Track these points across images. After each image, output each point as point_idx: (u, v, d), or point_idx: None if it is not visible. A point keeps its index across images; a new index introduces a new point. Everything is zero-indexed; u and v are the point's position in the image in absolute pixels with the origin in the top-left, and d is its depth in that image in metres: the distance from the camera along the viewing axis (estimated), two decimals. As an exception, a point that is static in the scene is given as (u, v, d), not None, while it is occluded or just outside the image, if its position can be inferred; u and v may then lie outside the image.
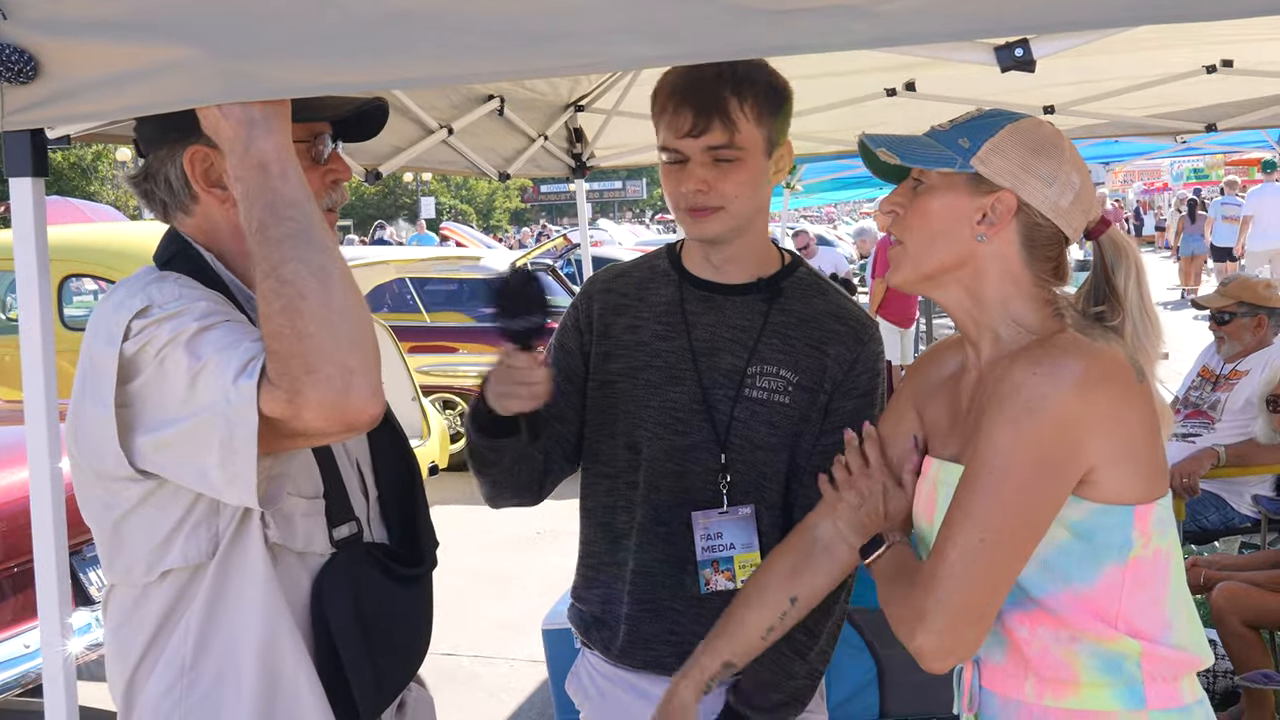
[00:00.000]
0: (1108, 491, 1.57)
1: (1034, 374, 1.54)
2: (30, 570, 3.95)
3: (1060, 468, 1.55)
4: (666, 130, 1.98)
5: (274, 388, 1.42)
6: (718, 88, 1.95)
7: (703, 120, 1.95)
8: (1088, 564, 1.58)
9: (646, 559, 2.10)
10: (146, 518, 1.58)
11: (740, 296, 2.09)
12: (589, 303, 2.17)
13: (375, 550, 1.76)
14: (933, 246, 1.67)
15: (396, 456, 1.86)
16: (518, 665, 5.43)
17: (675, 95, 1.96)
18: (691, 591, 2.08)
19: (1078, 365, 1.54)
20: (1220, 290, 5.17)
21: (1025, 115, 1.69)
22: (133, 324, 1.50)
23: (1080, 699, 1.61)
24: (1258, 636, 3.88)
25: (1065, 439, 1.53)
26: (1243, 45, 3.57)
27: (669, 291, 2.13)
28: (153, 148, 1.67)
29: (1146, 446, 1.59)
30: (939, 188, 1.66)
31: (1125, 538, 1.58)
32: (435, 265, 10.40)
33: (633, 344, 2.11)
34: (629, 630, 2.13)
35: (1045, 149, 1.64)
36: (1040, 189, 1.63)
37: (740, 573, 2.06)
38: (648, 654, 2.12)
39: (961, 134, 1.65)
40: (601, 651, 2.20)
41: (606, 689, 2.20)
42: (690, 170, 1.98)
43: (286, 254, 1.44)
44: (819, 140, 4.77)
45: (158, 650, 1.63)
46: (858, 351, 2.08)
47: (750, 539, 2.06)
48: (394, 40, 1.45)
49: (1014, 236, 1.65)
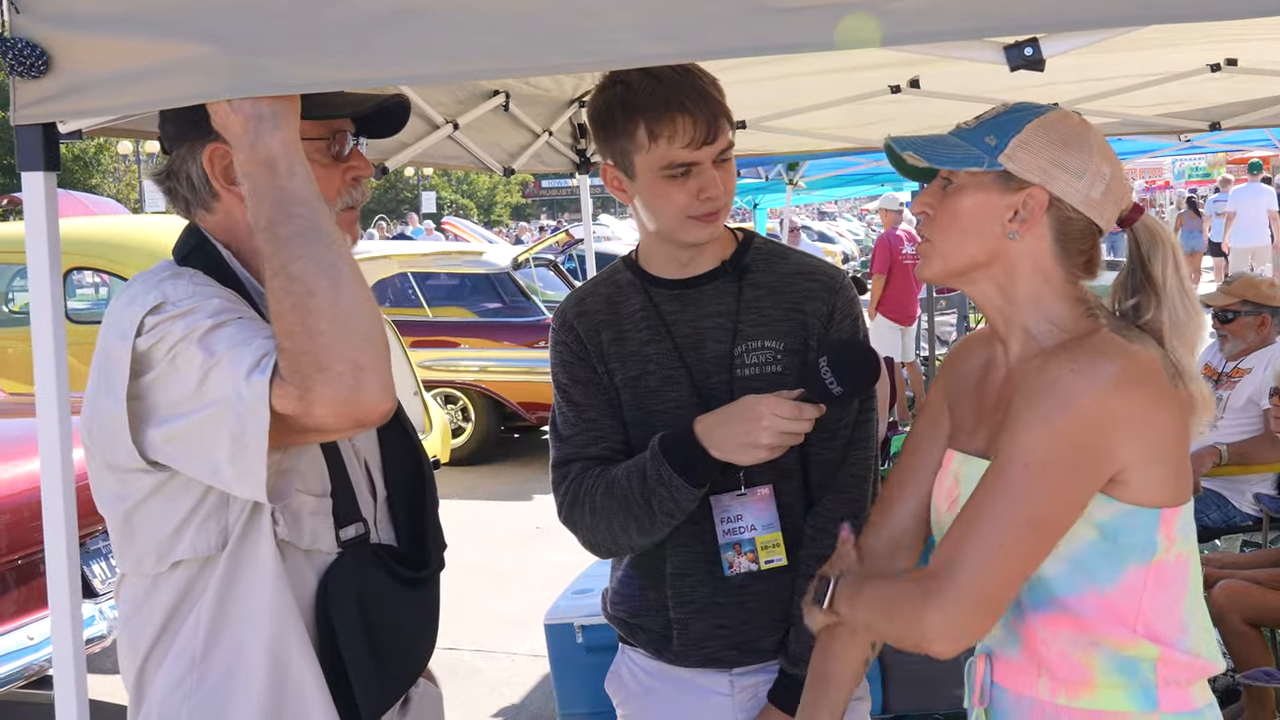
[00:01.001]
0: (1137, 493, 1.57)
1: (1070, 371, 1.54)
2: (33, 563, 4.01)
3: (1091, 466, 1.55)
4: (670, 145, 1.95)
5: (285, 384, 1.43)
6: (707, 90, 1.96)
7: (713, 127, 1.96)
8: (1112, 564, 1.58)
9: (682, 559, 2.11)
10: (157, 508, 1.59)
11: (710, 284, 2.11)
12: (572, 332, 2.15)
13: (381, 552, 1.76)
14: (963, 244, 1.67)
15: (407, 458, 1.86)
16: (519, 660, 5.44)
17: (672, 107, 1.94)
18: (730, 582, 2.09)
19: (1114, 366, 1.54)
20: (1224, 289, 5.17)
21: (1051, 108, 1.68)
22: (146, 320, 1.51)
23: (1094, 699, 1.62)
24: (1259, 634, 3.89)
25: (1098, 438, 1.53)
26: (1248, 44, 3.57)
27: (639, 299, 2.14)
28: (175, 145, 1.67)
29: (1176, 451, 1.59)
30: (968, 187, 1.65)
31: (1150, 540, 1.58)
32: (437, 260, 10.41)
33: (623, 355, 2.12)
34: (680, 634, 2.13)
35: (1073, 141, 1.63)
36: (1071, 182, 1.62)
37: (763, 554, 2.07)
38: (702, 653, 2.13)
39: (988, 131, 1.64)
40: (652, 652, 2.19)
41: (652, 685, 2.20)
42: (707, 177, 1.98)
43: (296, 252, 1.45)
44: (823, 137, 4.77)
45: (167, 641, 1.64)
46: (832, 301, 2.10)
47: (770, 519, 2.07)
48: (402, 37, 1.46)
49: (1046, 232, 1.65)
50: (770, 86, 3.82)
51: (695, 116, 1.94)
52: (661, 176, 1.99)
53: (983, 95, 3.92)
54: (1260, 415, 4.78)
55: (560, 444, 2.14)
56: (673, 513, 1.97)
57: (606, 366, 2.13)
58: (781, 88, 3.93)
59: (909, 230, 10.77)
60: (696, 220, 2.02)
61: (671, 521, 1.99)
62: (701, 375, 2.08)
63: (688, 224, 2.02)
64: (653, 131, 1.96)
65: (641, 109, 1.96)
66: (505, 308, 10.09)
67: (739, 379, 2.06)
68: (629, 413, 2.11)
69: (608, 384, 2.13)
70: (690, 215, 2.01)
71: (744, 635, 2.11)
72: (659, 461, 1.96)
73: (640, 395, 2.11)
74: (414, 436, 1.90)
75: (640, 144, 1.98)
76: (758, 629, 2.11)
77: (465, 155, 3.85)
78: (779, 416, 1.88)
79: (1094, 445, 1.54)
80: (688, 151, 1.96)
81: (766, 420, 1.87)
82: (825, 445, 2.09)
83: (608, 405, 2.12)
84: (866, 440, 2.13)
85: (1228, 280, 5.28)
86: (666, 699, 2.18)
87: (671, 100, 1.94)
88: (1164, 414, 1.57)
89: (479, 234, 23.89)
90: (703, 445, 1.92)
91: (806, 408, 1.89)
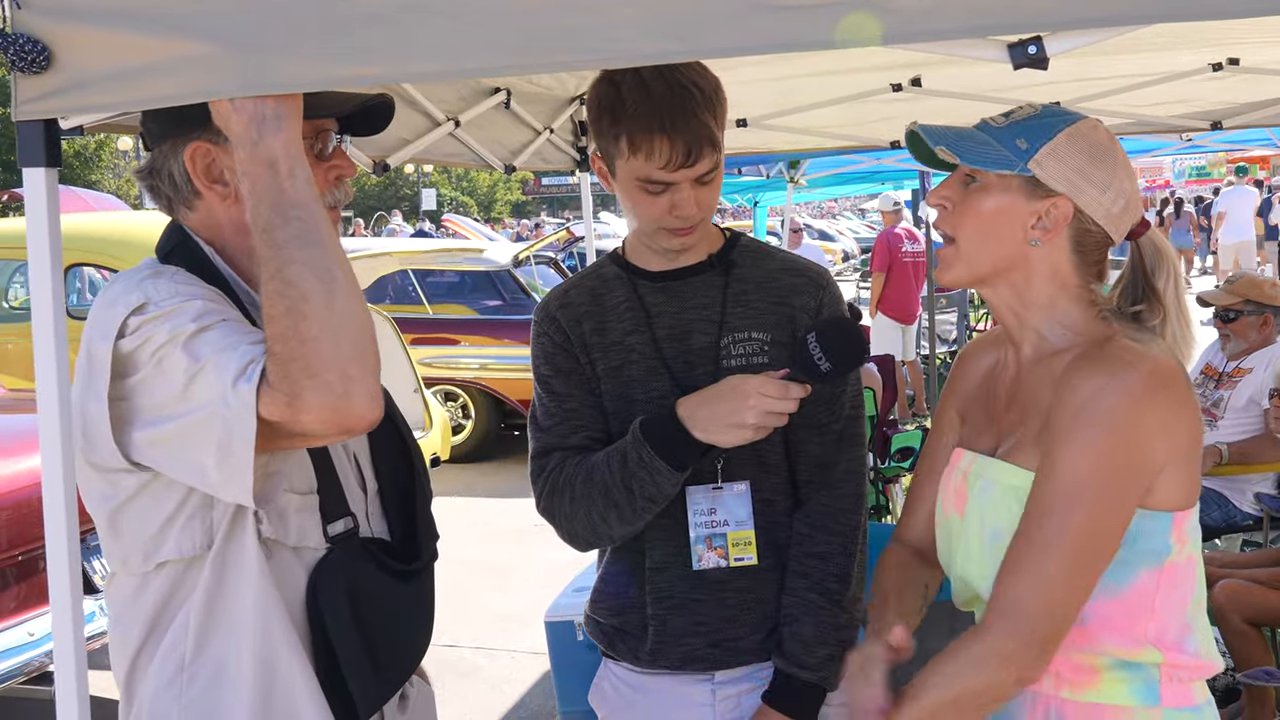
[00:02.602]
0: (1158, 497, 1.58)
1: (1103, 388, 1.54)
2: (32, 559, 4.02)
3: (1136, 482, 1.56)
4: (647, 163, 1.93)
5: (274, 391, 1.42)
6: (695, 113, 1.92)
7: (695, 152, 1.93)
8: (1124, 569, 1.59)
9: (660, 554, 2.10)
10: (142, 508, 1.58)
11: (696, 277, 2.11)
12: (554, 323, 2.15)
13: (371, 545, 1.75)
14: (986, 247, 1.67)
15: (397, 452, 1.85)
16: (519, 657, 5.44)
17: (654, 127, 1.91)
18: (707, 578, 2.08)
19: (1139, 373, 1.55)
20: (1227, 288, 5.17)
21: (1081, 116, 1.68)
22: (129, 320, 1.50)
23: (1098, 693, 1.63)
24: (1259, 634, 3.89)
25: (1138, 452, 1.54)
26: (1249, 44, 3.57)
27: (624, 291, 2.13)
28: (157, 142, 1.66)
29: (1191, 453, 1.60)
30: (994, 188, 1.65)
31: (1164, 543, 1.59)
32: (438, 257, 10.42)
33: (605, 345, 2.11)
34: (658, 630, 2.11)
35: (1101, 155, 1.63)
36: (1096, 196, 1.62)
37: (733, 550, 2.05)
38: (681, 651, 2.11)
39: (1019, 134, 1.64)
40: (630, 661, 2.18)
41: (634, 698, 2.18)
42: (681, 197, 1.97)
43: (292, 255, 1.44)
44: (824, 135, 4.77)
45: (156, 640, 1.63)
46: (820, 296, 2.10)
47: (744, 517, 2.05)
48: (407, 34, 1.45)
49: (1065, 243, 1.66)
50: (772, 85, 3.82)
51: (675, 141, 1.91)
52: (637, 187, 1.98)
53: (985, 94, 3.93)
54: (1261, 415, 4.78)
55: (540, 434, 2.12)
56: (654, 498, 1.96)
57: (589, 357, 2.12)
58: (783, 86, 3.94)
59: (909, 228, 10.77)
60: (669, 232, 2.02)
61: (653, 507, 1.98)
62: (686, 367, 2.07)
63: (661, 233, 2.03)
64: (633, 145, 1.94)
65: (625, 121, 1.94)
66: (505, 305, 10.10)
67: (725, 369, 2.05)
68: (610, 403, 2.10)
69: (589, 374, 2.12)
70: (663, 227, 2.01)
71: (724, 633, 2.09)
72: (640, 444, 1.94)
73: (622, 385, 2.10)
74: (403, 428, 1.88)
75: (620, 152, 1.97)
76: (738, 627, 2.09)
77: (466, 152, 3.85)
78: (765, 395, 1.86)
79: (1137, 460, 1.55)
80: (664, 173, 1.94)
81: (753, 399, 1.86)
82: (815, 440, 2.08)
83: (589, 396, 2.11)
84: (859, 437, 2.12)
85: (1230, 280, 5.28)
86: (648, 711, 2.16)
87: (654, 121, 1.91)
88: (1186, 417, 1.58)
89: (479, 231, 23.89)
90: (685, 427, 1.91)
91: (793, 387, 1.88)
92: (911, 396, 10.22)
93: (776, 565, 2.08)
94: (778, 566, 2.08)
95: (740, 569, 2.06)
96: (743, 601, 2.09)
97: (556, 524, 2.08)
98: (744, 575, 2.07)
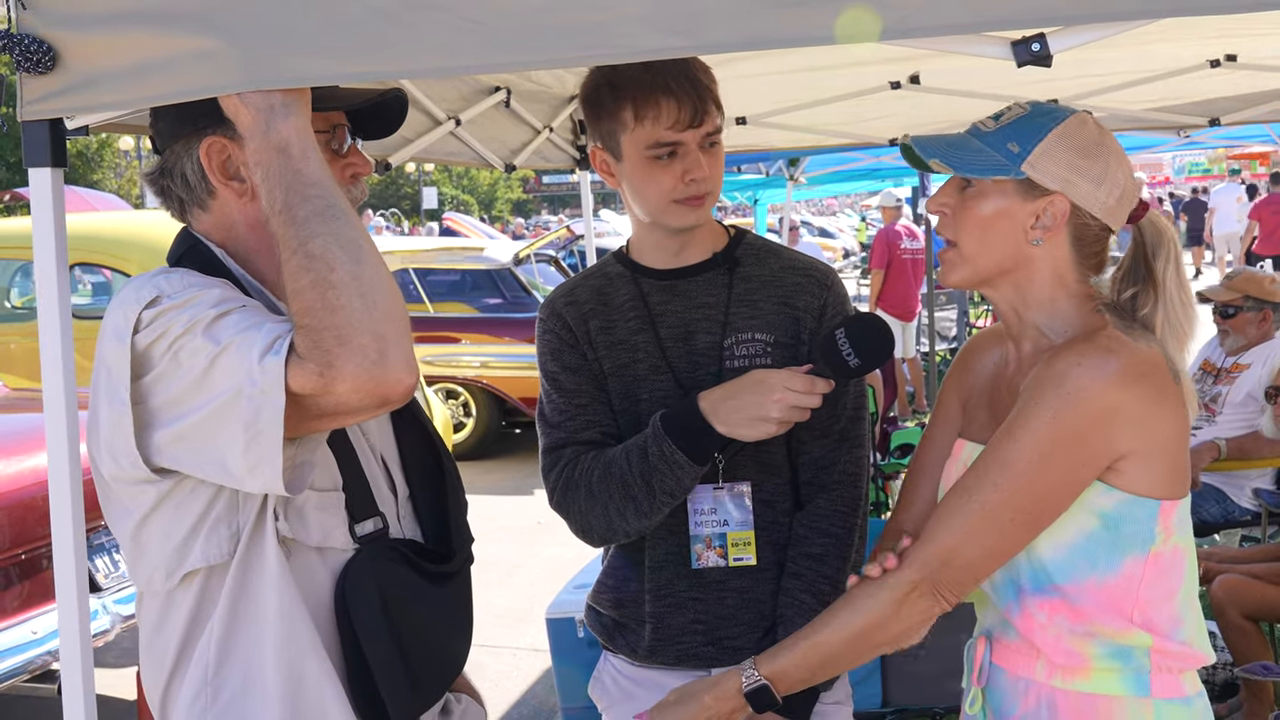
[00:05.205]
0: (1137, 483, 1.60)
1: (1077, 365, 1.58)
2: (36, 557, 4.02)
3: (1090, 454, 1.59)
4: (655, 125, 1.97)
5: (304, 363, 1.38)
6: (696, 75, 1.98)
7: (701, 108, 1.97)
8: (1112, 553, 1.62)
9: (660, 552, 2.11)
10: (164, 520, 1.53)
11: (701, 275, 2.11)
12: (559, 320, 2.15)
13: (403, 546, 1.68)
14: (987, 249, 1.69)
15: (426, 452, 1.80)
16: (521, 654, 5.45)
17: (657, 90, 1.96)
18: (706, 576, 2.09)
19: (1118, 361, 1.58)
20: (1226, 284, 5.18)
21: (1071, 111, 1.69)
22: (143, 315, 1.46)
23: (1089, 683, 1.66)
24: (1257, 629, 3.90)
25: (1099, 428, 1.57)
26: (1247, 40, 3.57)
27: (629, 290, 2.14)
28: (168, 143, 1.63)
29: (1175, 446, 1.63)
30: (990, 192, 1.68)
31: (1149, 531, 1.62)
32: (439, 256, 10.42)
33: (610, 343, 2.12)
34: (656, 627, 2.12)
35: (1093, 150, 1.65)
36: (1090, 190, 1.65)
37: (732, 550, 2.06)
38: (678, 648, 2.12)
39: (1009, 137, 1.66)
40: (628, 655, 2.19)
41: (632, 690, 2.19)
42: (691, 159, 1.99)
43: (314, 230, 1.41)
44: (824, 133, 4.77)
45: (186, 660, 1.58)
46: (824, 296, 2.11)
47: (744, 518, 2.06)
48: (411, 30, 1.46)
49: (1065, 239, 1.68)
50: (771, 82, 3.82)
51: (681, 98, 1.96)
52: (647, 158, 2.00)
53: (983, 92, 3.93)
54: (1260, 410, 4.79)
55: (550, 430, 2.12)
56: (673, 492, 1.96)
57: (596, 354, 2.12)
58: (783, 83, 3.93)
59: (908, 225, 10.78)
60: (681, 204, 2.02)
61: (671, 502, 1.98)
62: (690, 366, 2.08)
63: (673, 208, 2.03)
64: (639, 112, 1.98)
65: (628, 89, 1.98)
66: (506, 303, 10.12)
67: (728, 370, 2.06)
68: (616, 400, 2.11)
69: (597, 370, 2.12)
70: (675, 199, 2.02)
71: (721, 632, 2.09)
72: (661, 439, 1.94)
73: (627, 383, 2.10)
74: (430, 429, 1.83)
75: (626, 124, 2.00)
76: (736, 626, 2.10)
77: (467, 151, 3.85)
78: (791, 390, 1.87)
79: (1095, 434, 1.58)
80: (673, 132, 1.97)
81: (779, 394, 1.86)
82: (816, 442, 2.08)
83: (598, 390, 2.12)
84: (860, 438, 2.12)
85: (1230, 275, 5.29)
86: (646, 703, 2.16)
87: (657, 82, 1.96)
88: (1165, 408, 1.61)
89: (480, 229, 23.88)
90: (707, 420, 1.91)
91: (819, 382, 1.88)
92: (911, 393, 10.23)
93: (775, 566, 2.09)
94: (776, 567, 2.09)
95: (739, 569, 2.07)
96: (741, 601, 2.09)
97: (570, 519, 2.08)
98: (742, 575, 2.08)
